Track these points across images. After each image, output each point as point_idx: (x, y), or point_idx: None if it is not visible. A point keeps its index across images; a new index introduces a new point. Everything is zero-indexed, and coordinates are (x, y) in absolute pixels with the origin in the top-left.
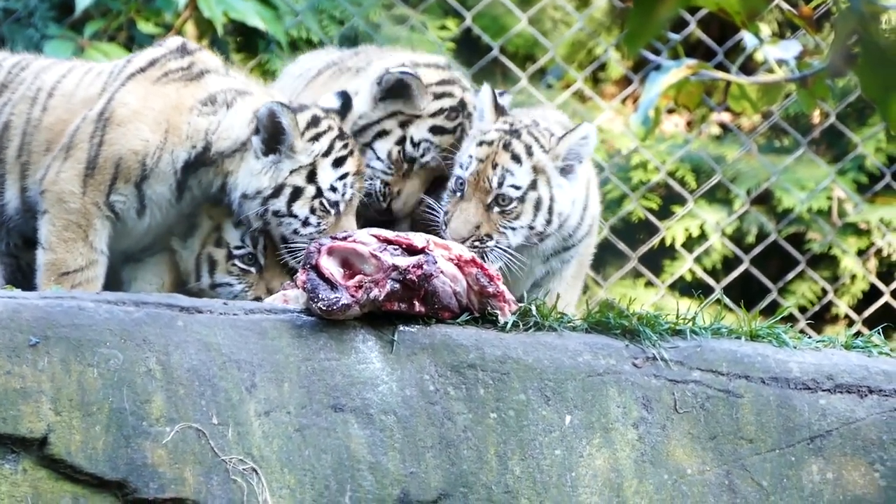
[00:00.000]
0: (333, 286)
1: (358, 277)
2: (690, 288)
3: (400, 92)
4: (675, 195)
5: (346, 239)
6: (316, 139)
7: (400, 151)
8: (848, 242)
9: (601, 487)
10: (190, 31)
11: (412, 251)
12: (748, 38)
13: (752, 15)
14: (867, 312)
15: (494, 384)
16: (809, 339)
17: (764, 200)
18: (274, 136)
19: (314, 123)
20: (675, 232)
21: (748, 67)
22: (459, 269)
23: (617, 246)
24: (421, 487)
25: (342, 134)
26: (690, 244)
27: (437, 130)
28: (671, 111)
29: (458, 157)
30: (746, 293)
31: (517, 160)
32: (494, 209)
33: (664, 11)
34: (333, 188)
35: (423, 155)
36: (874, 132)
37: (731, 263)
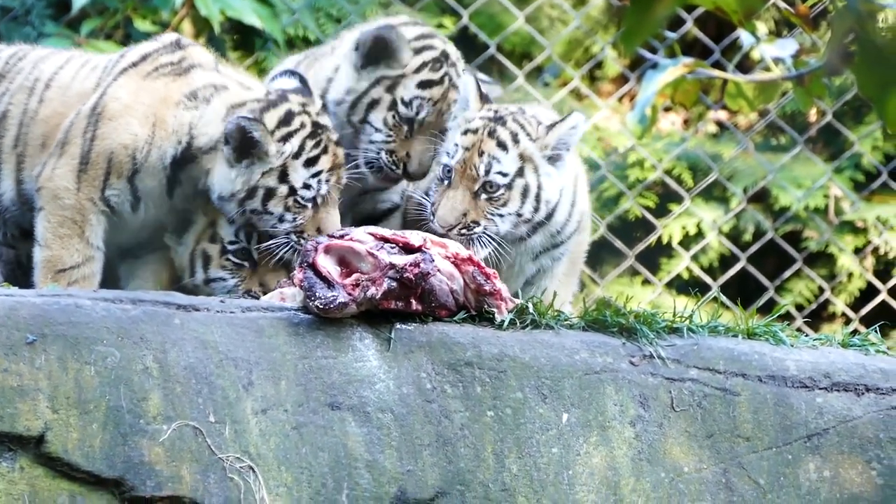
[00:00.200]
0: (330, 284)
1: (355, 276)
2: (687, 286)
3: (380, 53)
4: (671, 193)
5: (343, 237)
6: (286, 139)
7: (395, 116)
8: (845, 240)
9: (598, 485)
10: (187, 29)
11: (409, 249)
12: (745, 36)
13: (748, 13)
14: (864, 310)
15: (491, 382)
16: (806, 337)
17: (761, 198)
18: (243, 146)
19: (286, 122)
20: (671, 230)
21: (745, 66)
22: (456, 267)
23: (614, 244)
24: (418, 485)
25: (315, 131)
26: (687, 242)
27: (424, 85)
28: (668, 109)
29: (443, 145)
30: (743, 291)
31: (503, 147)
32: (482, 196)
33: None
34: (307, 185)
35: (417, 112)
36: (871, 130)
37: (727, 261)
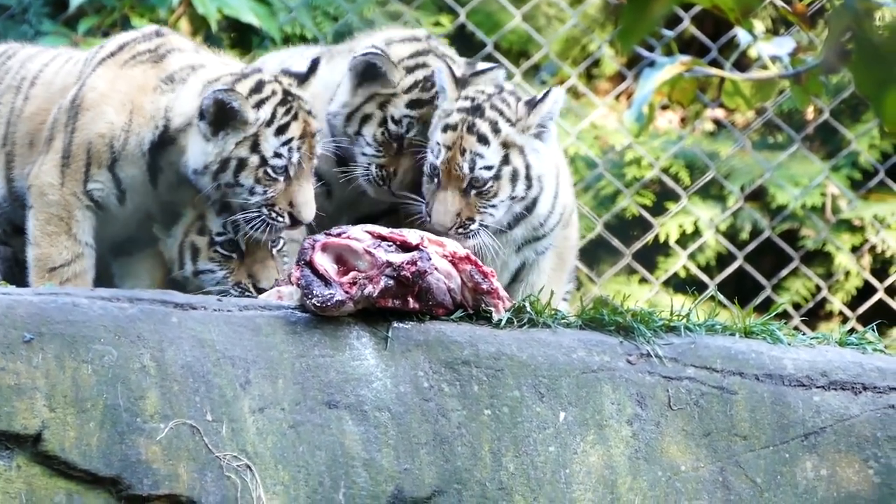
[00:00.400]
0: (327, 282)
1: (352, 274)
2: (684, 284)
3: (373, 73)
4: (668, 191)
5: (340, 235)
6: (259, 106)
7: (384, 132)
8: (842, 239)
9: (595, 484)
10: (184, 27)
11: (406, 248)
12: (742, 34)
13: (746, 11)
14: (861, 309)
15: (489, 381)
16: (804, 335)
17: (758, 197)
18: (220, 119)
19: (257, 90)
20: (668, 228)
21: (742, 64)
22: (454, 265)
23: (611, 242)
24: (415, 484)
25: (286, 98)
26: (684, 241)
27: (414, 104)
28: (665, 107)
29: (429, 141)
30: (740, 290)
31: (484, 141)
32: (471, 192)
33: (658, 8)
34: (278, 154)
35: (407, 131)
36: (868, 129)
37: (724, 260)
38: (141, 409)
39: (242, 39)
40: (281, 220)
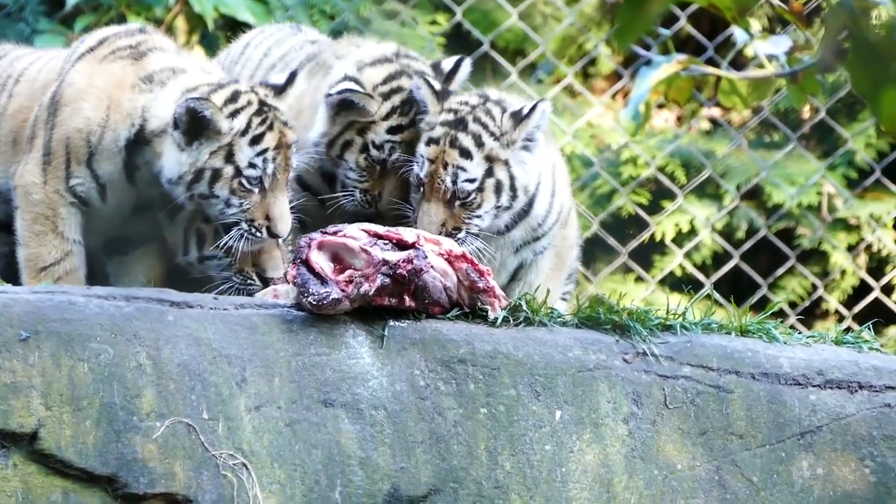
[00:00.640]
0: (323, 281)
1: (348, 272)
2: (680, 283)
3: (349, 105)
4: (664, 190)
5: (336, 234)
6: (234, 116)
7: (367, 158)
8: (838, 238)
9: (591, 483)
10: (181, 25)
11: (402, 246)
12: (738, 33)
13: (742, 10)
14: (857, 308)
15: (485, 379)
16: (800, 334)
17: (754, 196)
18: (194, 128)
19: (232, 99)
20: (664, 227)
21: (738, 63)
22: (450, 264)
23: (607, 241)
24: (411, 482)
25: (261, 109)
26: (680, 239)
27: (394, 130)
28: (661, 106)
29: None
30: (736, 288)
31: (467, 156)
32: (455, 204)
33: (654, 7)
34: (252, 164)
35: (389, 154)
36: (864, 127)
37: (720, 259)
38: (137, 407)
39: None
40: (259, 234)
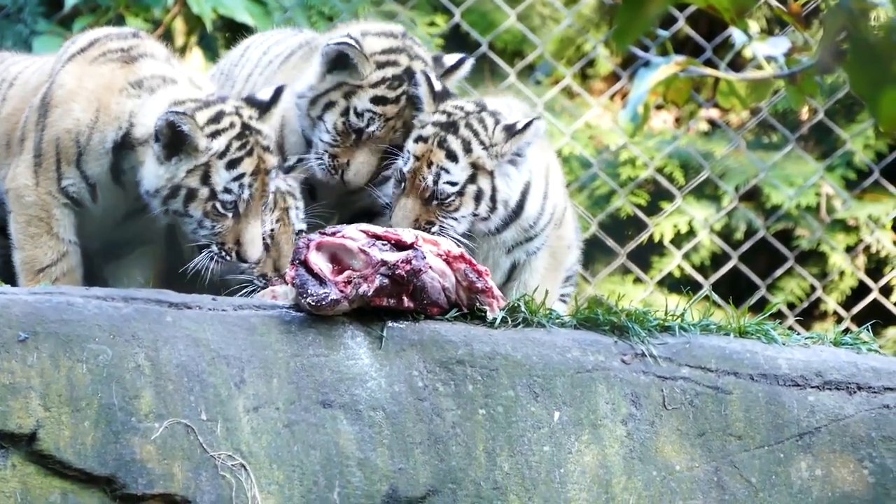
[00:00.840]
0: (322, 281)
1: (347, 273)
2: (679, 284)
3: (343, 62)
4: (663, 191)
5: (334, 234)
6: (214, 137)
7: (345, 122)
8: (836, 239)
9: (590, 484)
10: (179, 26)
11: (401, 247)
12: (737, 34)
13: (741, 11)
14: (856, 309)
15: (483, 380)
16: (798, 335)
17: (752, 197)
18: (173, 142)
19: (215, 120)
20: (663, 228)
21: (737, 64)
22: (448, 264)
23: (605, 242)
24: (409, 483)
25: (243, 132)
26: (679, 240)
27: (378, 100)
28: (660, 107)
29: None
30: (735, 290)
31: (453, 158)
32: (433, 203)
33: (653, 8)
34: (228, 189)
35: (367, 125)
36: (863, 129)
37: (719, 260)
38: (136, 408)
39: (237, 39)
40: (229, 258)
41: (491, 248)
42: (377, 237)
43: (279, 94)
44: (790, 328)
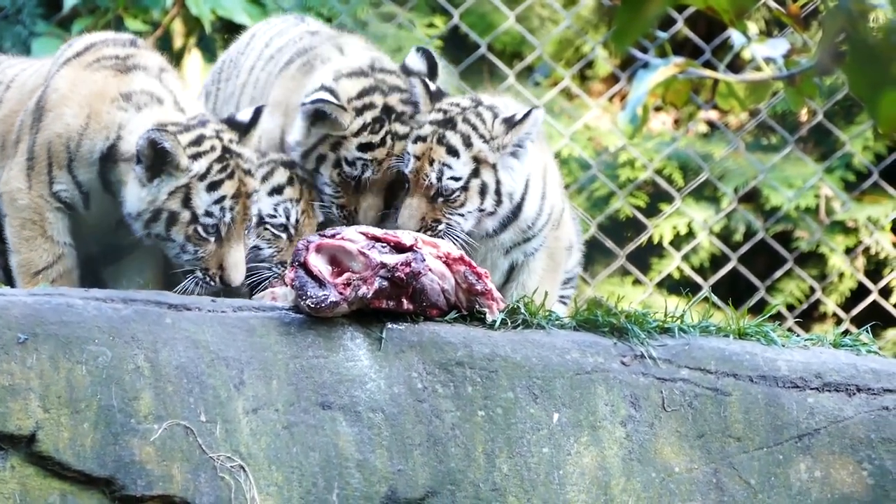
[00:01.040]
0: (322, 283)
1: (346, 275)
2: (678, 286)
3: (323, 116)
4: (662, 193)
5: (334, 236)
6: (195, 159)
7: (340, 173)
8: (836, 240)
9: (589, 485)
10: (178, 28)
11: (400, 249)
12: (736, 36)
13: (739, 13)
14: (855, 311)
15: (482, 382)
16: (797, 337)
17: (751, 198)
18: (155, 163)
19: (196, 143)
20: (662, 230)
21: (736, 65)
22: (448, 266)
23: (604, 244)
24: (408, 485)
25: (223, 156)
26: (678, 242)
27: (365, 147)
28: (659, 109)
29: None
30: (734, 291)
31: (454, 153)
32: (439, 200)
33: (652, 9)
34: (209, 213)
35: (362, 172)
36: (862, 130)
37: (718, 261)
38: (135, 409)
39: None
40: (213, 283)
41: (489, 249)
42: (377, 239)
43: (258, 115)
44: (789, 330)
